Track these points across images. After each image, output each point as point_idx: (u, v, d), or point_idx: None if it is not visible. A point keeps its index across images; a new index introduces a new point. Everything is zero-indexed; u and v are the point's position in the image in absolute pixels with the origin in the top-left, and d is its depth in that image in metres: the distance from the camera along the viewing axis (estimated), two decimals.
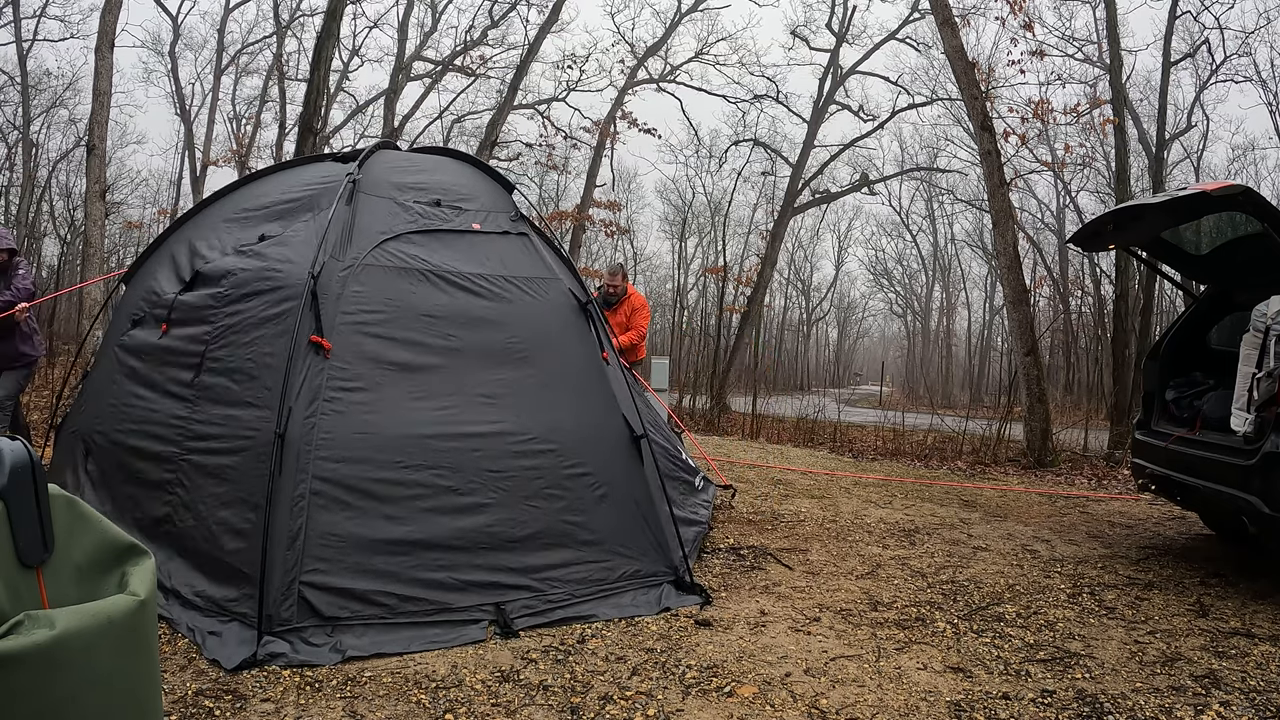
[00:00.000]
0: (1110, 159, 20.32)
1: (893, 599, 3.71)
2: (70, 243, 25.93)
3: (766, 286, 21.67)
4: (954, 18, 10.57)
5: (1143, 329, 12.20)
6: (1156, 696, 2.70)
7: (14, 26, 23.37)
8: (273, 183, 4.34)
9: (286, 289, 3.50)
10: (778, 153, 24.39)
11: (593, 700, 2.56)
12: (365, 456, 3.21)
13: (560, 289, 4.03)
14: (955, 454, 10.00)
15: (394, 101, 21.58)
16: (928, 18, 18.73)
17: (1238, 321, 4.61)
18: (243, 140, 24.51)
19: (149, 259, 4.35)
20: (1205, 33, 17.62)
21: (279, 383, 3.20)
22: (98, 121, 10.22)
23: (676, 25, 21.87)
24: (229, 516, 3.11)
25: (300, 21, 23.58)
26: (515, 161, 21.75)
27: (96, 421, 3.84)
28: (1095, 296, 24.92)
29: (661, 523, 3.68)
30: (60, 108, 26.13)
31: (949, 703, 2.61)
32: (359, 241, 3.66)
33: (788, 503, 6.03)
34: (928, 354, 41.93)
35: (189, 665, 2.68)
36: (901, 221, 36.96)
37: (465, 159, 4.75)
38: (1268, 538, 3.75)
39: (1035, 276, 24.74)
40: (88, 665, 1.33)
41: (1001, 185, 10.05)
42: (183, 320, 3.73)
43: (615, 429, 3.78)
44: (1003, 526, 5.51)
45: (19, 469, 1.40)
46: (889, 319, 51.50)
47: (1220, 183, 4.07)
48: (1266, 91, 21.42)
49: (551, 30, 18.69)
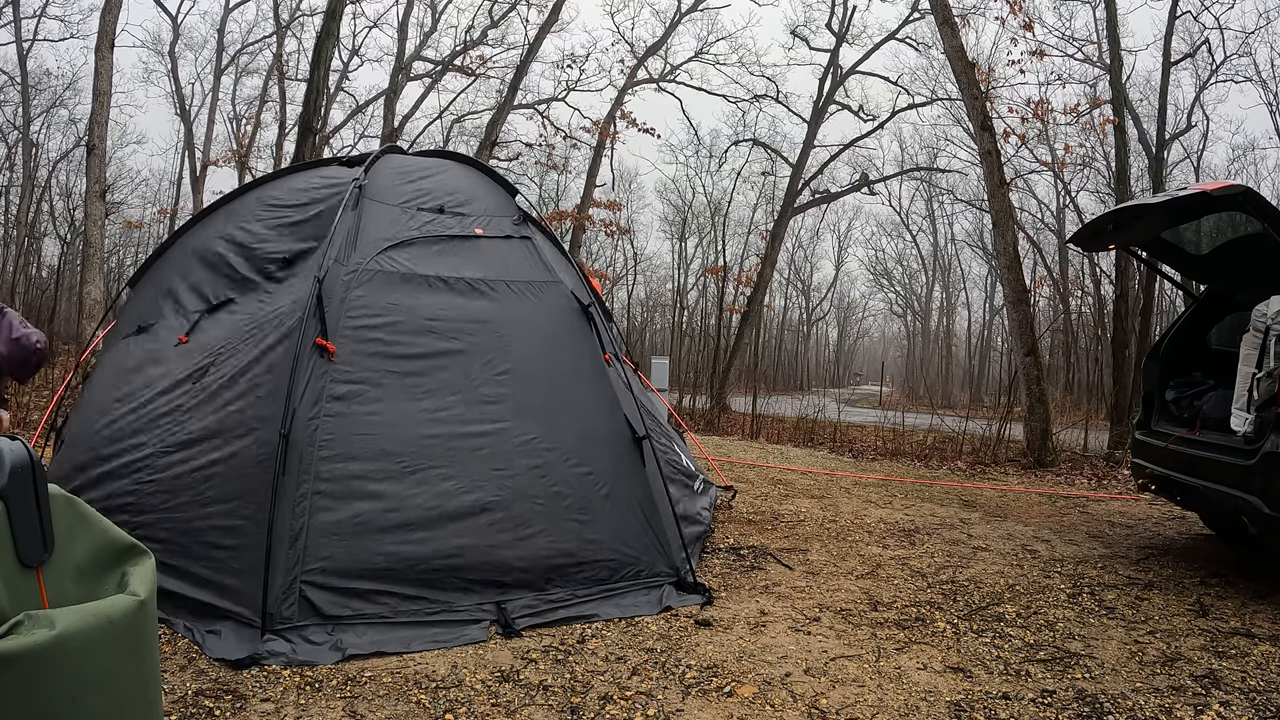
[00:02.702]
0: (1110, 159, 20.31)
1: (893, 599, 3.71)
2: (70, 243, 25.94)
3: (766, 286, 21.65)
4: (954, 18, 10.57)
5: (1143, 329, 12.18)
6: (1156, 696, 2.70)
7: (14, 26, 23.39)
8: (279, 188, 4.35)
9: (293, 300, 3.57)
10: (778, 153, 24.38)
11: (593, 700, 2.56)
12: (368, 457, 3.24)
13: (562, 292, 4.07)
14: (955, 454, 10.00)
15: (394, 101, 21.58)
16: (928, 18, 18.74)
17: (1238, 321, 4.61)
18: (243, 140, 24.52)
19: (155, 264, 4.38)
20: (1205, 33, 17.65)
21: (284, 384, 3.23)
22: (98, 121, 10.21)
23: (676, 25, 21.87)
24: (228, 516, 3.12)
25: (300, 21, 23.61)
26: (515, 161, 21.76)
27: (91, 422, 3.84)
28: (1095, 296, 24.91)
29: (663, 523, 3.68)
30: (60, 108, 26.18)
31: (949, 703, 2.61)
32: (363, 247, 3.75)
33: (788, 503, 6.03)
34: (928, 354, 41.92)
35: (189, 665, 2.68)
36: (901, 221, 37.01)
37: (469, 162, 4.81)
38: (1268, 538, 3.75)
39: (1035, 276, 24.72)
40: (88, 665, 1.33)
41: (1001, 185, 10.05)
42: (202, 337, 3.76)
43: (617, 429, 3.78)
44: (1003, 526, 5.52)
45: (19, 469, 1.40)
46: (889, 319, 51.57)
47: (1220, 183, 4.07)
48: (1266, 91, 21.49)
49: (551, 30, 18.67)
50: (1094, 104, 15.75)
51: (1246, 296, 4.56)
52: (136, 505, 3.25)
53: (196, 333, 3.74)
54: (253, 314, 3.67)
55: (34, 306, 18.33)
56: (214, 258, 4.01)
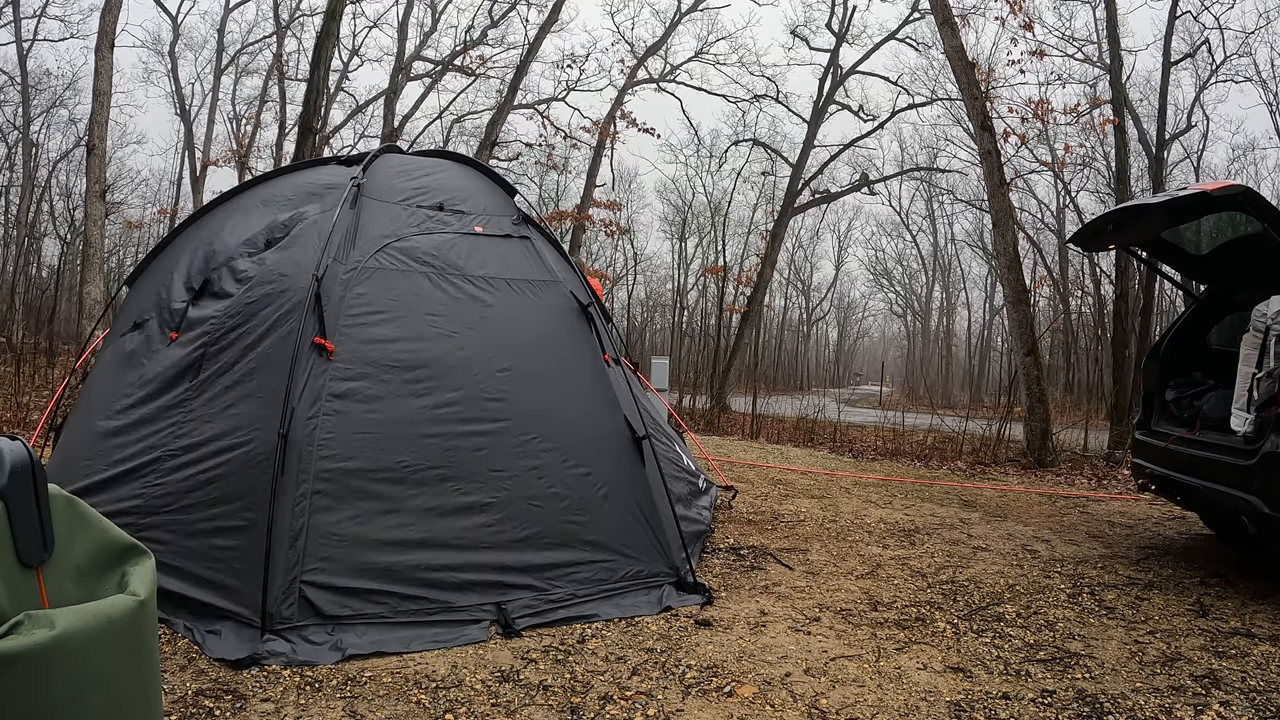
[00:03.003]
0: (1110, 159, 20.32)
1: (893, 599, 3.71)
2: (70, 243, 25.95)
3: (766, 286, 21.65)
4: (954, 18, 10.57)
5: (1143, 329, 12.19)
6: (1156, 696, 2.70)
7: (14, 26, 23.40)
8: (279, 186, 4.35)
9: (290, 293, 3.53)
10: (778, 153, 24.38)
11: (593, 700, 2.56)
12: (367, 456, 3.23)
13: (561, 291, 4.06)
14: (955, 454, 10.00)
15: (394, 101, 21.58)
16: (928, 18, 18.73)
17: (1238, 321, 4.61)
18: (243, 140, 24.52)
19: (153, 262, 4.37)
20: (1205, 33, 17.65)
21: (282, 383, 3.22)
22: (98, 121, 10.21)
23: (676, 25, 21.87)
24: (230, 517, 3.11)
25: (300, 21, 23.61)
26: (515, 161, 21.75)
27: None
28: (1095, 296, 24.92)
29: (663, 523, 3.68)
30: (60, 108, 26.20)
31: (949, 703, 2.61)
32: (362, 245, 3.73)
33: (788, 503, 6.03)
34: (928, 354, 41.92)
35: (189, 665, 2.68)
36: (901, 221, 37.02)
37: (468, 162, 4.81)
38: (1268, 538, 3.75)
39: (1035, 276, 24.73)
40: (88, 665, 1.33)
41: (1001, 185, 10.04)
42: (190, 327, 3.74)
43: (617, 430, 3.78)
44: (1003, 526, 5.52)
45: (19, 469, 1.40)
46: (889, 319, 51.59)
47: (1220, 183, 4.07)
48: (1266, 91, 21.50)
49: (551, 30, 18.67)
50: (1094, 104, 15.75)
51: (1246, 296, 4.56)
52: (143, 508, 3.24)
53: (185, 326, 3.71)
54: (247, 311, 3.62)
55: (34, 306, 18.33)
56: (209, 255, 3.99)
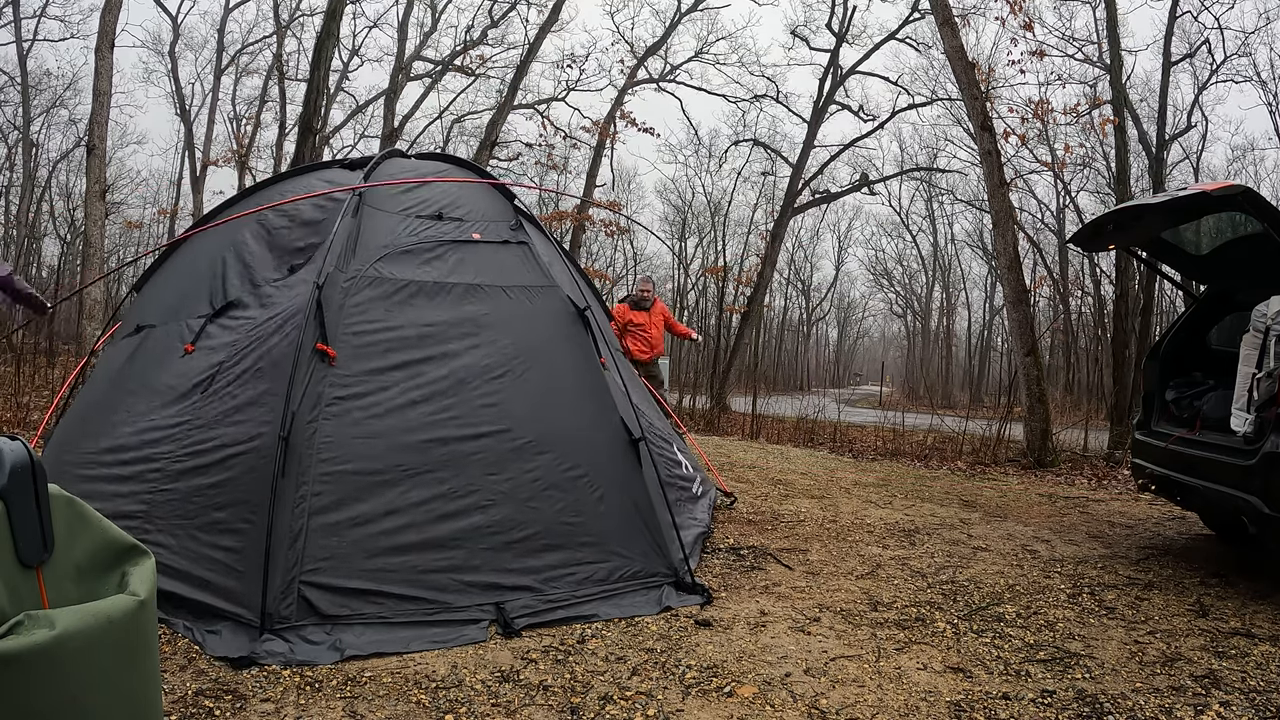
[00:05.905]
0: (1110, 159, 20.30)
1: (893, 599, 3.71)
2: (70, 243, 25.97)
3: (766, 286, 21.66)
4: (954, 18, 10.57)
5: (1143, 329, 12.19)
6: (1156, 696, 2.70)
7: (14, 26, 23.42)
8: (282, 193, 4.35)
9: (293, 301, 3.61)
10: (778, 153, 24.41)
11: (593, 700, 2.56)
12: (366, 459, 3.25)
13: (558, 296, 4.09)
14: (955, 454, 10.00)
15: (394, 101, 21.59)
16: (928, 18, 18.74)
17: (1238, 321, 4.61)
18: (243, 140, 24.53)
19: (160, 270, 4.40)
20: (1205, 33, 17.67)
21: (283, 388, 3.25)
22: (98, 121, 10.22)
23: (676, 25, 21.89)
24: (232, 520, 3.12)
25: (300, 21, 23.64)
26: (515, 161, 21.77)
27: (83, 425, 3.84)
28: (1095, 296, 24.92)
29: (660, 524, 3.68)
30: (60, 108, 26.21)
31: (949, 703, 2.61)
32: (362, 253, 3.79)
33: (788, 503, 6.03)
34: (928, 354, 41.89)
35: (189, 665, 2.68)
36: (901, 221, 36.97)
37: (468, 167, 4.82)
38: (1268, 538, 3.75)
39: (1035, 276, 24.73)
40: (88, 665, 1.33)
41: (1001, 185, 10.04)
42: (208, 339, 3.77)
43: (613, 432, 3.79)
44: (1003, 526, 5.51)
45: (19, 469, 1.40)
46: (889, 319, 51.53)
47: (1220, 183, 4.07)
48: (1266, 92, 21.51)
49: (551, 30, 18.69)
50: (1094, 104, 15.75)
51: (1246, 296, 4.56)
52: (148, 514, 3.25)
53: (203, 339, 3.75)
54: (256, 319, 3.68)
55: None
56: (219, 265, 4.02)
